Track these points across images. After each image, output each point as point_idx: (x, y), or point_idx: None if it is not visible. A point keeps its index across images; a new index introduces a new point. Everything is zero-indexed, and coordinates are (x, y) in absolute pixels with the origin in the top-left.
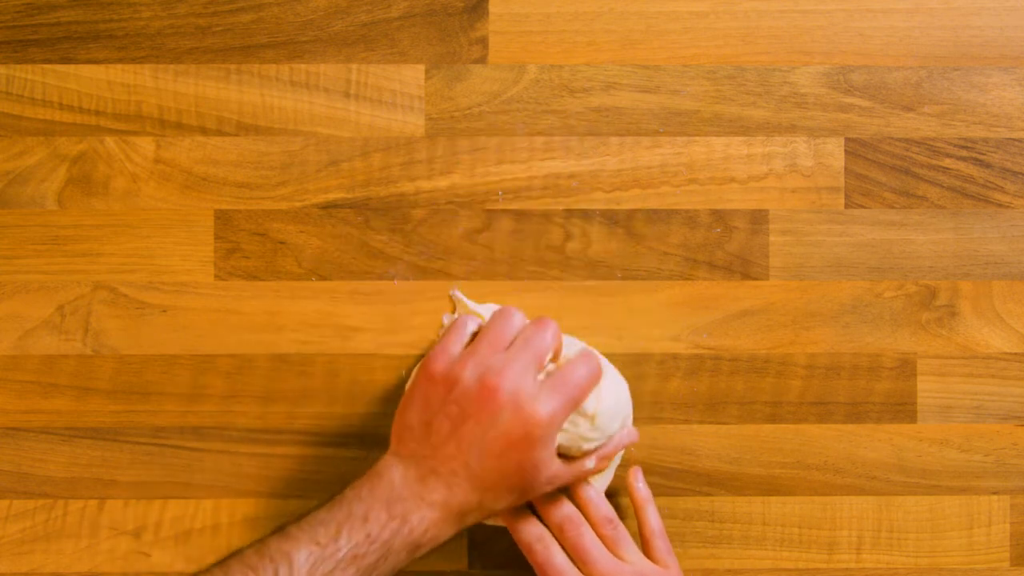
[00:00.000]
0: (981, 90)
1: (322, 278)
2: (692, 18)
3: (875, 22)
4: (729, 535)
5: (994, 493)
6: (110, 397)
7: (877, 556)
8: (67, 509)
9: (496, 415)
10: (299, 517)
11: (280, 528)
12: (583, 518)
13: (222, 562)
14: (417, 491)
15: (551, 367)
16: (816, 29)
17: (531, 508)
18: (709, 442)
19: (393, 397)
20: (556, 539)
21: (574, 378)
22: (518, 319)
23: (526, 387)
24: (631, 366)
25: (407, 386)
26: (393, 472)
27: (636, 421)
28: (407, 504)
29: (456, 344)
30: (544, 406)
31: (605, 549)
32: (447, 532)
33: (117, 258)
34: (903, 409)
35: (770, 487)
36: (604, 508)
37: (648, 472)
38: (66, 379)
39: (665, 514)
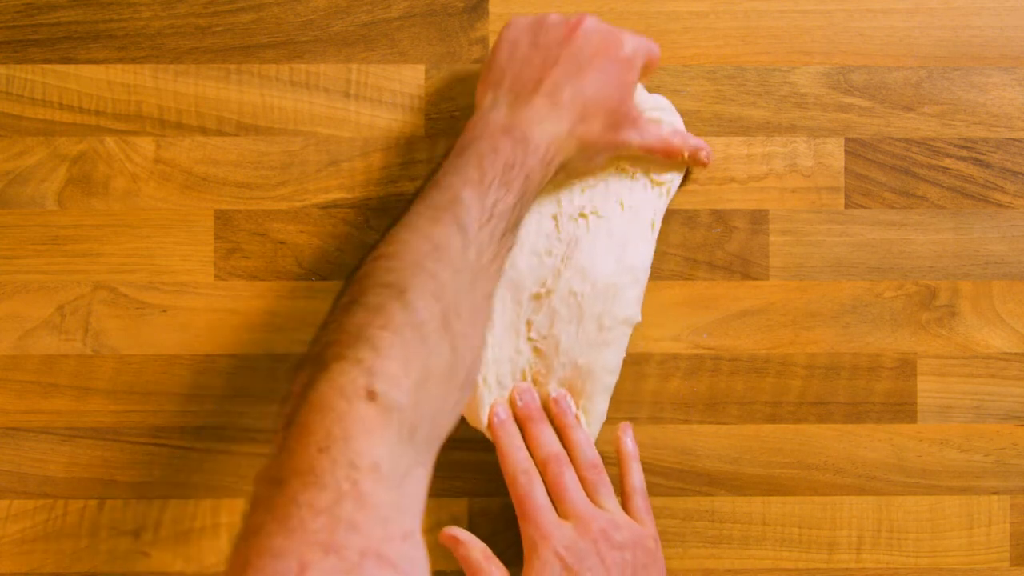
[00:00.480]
0: (981, 90)
1: (322, 278)
2: (692, 18)
3: (875, 22)
4: (729, 535)
5: (994, 493)
6: (110, 397)
7: (877, 556)
8: (67, 509)
9: (586, 38)
10: (433, 171)
11: (427, 180)
12: (568, 459)
13: (398, 223)
14: (526, 115)
15: None
16: (816, 29)
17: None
18: (709, 442)
19: None
20: (541, 474)
21: (642, 39)
22: None
23: (607, 24)
24: (631, 366)
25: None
26: (497, 110)
27: (636, 421)
28: (523, 128)
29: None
30: (628, 37)
31: (583, 492)
32: (564, 153)
33: (117, 258)
34: (903, 409)
35: (770, 487)
36: (590, 453)
37: (648, 472)
38: (66, 379)
39: (665, 514)
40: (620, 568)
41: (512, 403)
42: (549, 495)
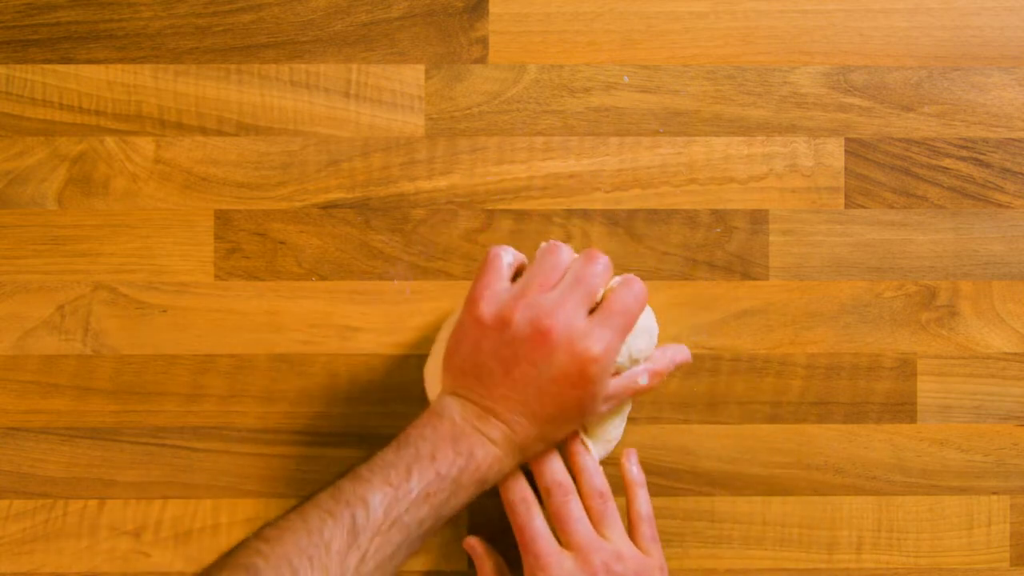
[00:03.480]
0: (981, 90)
1: (322, 278)
2: (692, 18)
3: (875, 22)
4: (729, 535)
5: (994, 493)
6: (110, 397)
7: (877, 556)
8: (67, 509)
9: (550, 357)
10: (366, 459)
11: (350, 470)
12: (573, 487)
13: (299, 507)
14: (478, 427)
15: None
16: (816, 29)
17: (524, 469)
18: (709, 442)
19: (393, 397)
20: (543, 502)
21: (623, 307)
22: (566, 253)
23: (578, 325)
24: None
25: (442, 328)
26: (452, 411)
27: (636, 421)
28: (471, 440)
29: (498, 281)
30: (597, 343)
31: (588, 522)
32: (510, 464)
33: (117, 258)
34: (903, 409)
35: (770, 487)
36: (598, 480)
37: (648, 472)
38: (66, 379)
39: (665, 514)
40: None
41: (576, 455)
42: (552, 524)
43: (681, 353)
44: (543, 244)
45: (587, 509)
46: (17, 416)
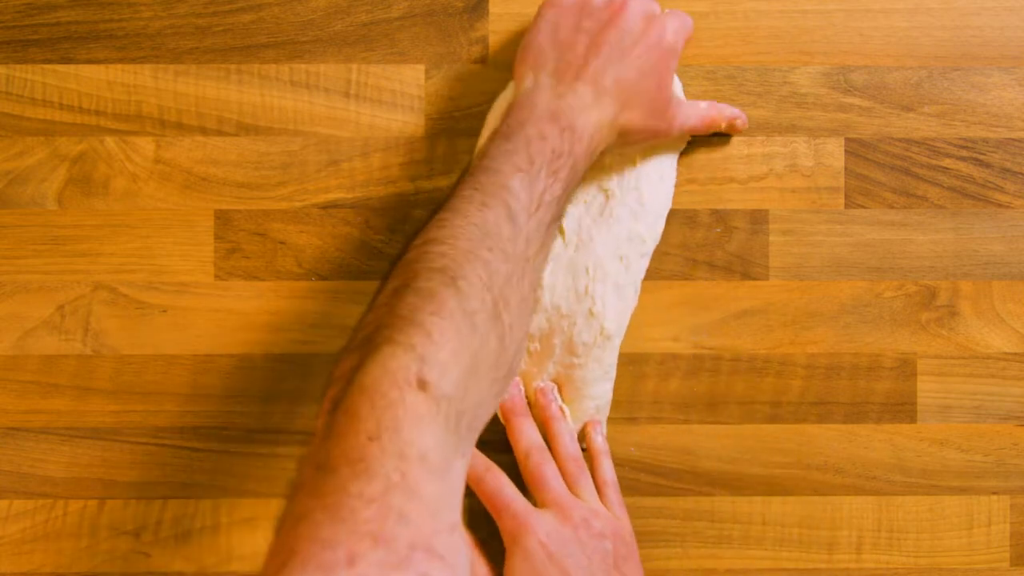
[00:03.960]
0: (981, 90)
1: (322, 278)
2: (692, 18)
3: (875, 22)
4: (729, 535)
5: (994, 493)
6: (110, 397)
7: (877, 556)
8: (67, 509)
9: (630, 23)
10: (479, 155)
11: (469, 165)
12: (548, 451)
13: (447, 206)
14: (570, 102)
15: None
16: (816, 29)
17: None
18: (709, 442)
19: None
20: (520, 466)
21: (683, 18)
22: None
23: (650, 4)
24: (631, 366)
25: (494, 105)
26: (540, 93)
27: (636, 421)
28: (569, 115)
29: None
30: (670, 21)
31: (563, 482)
32: (607, 141)
33: (117, 258)
34: (903, 409)
35: (770, 487)
36: (572, 447)
37: (648, 472)
38: (66, 379)
39: (665, 514)
40: (602, 556)
41: (542, 399)
42: (529, 486)
43: (739, 116)
44: None
45: (562, 472)
46: (17, 416)
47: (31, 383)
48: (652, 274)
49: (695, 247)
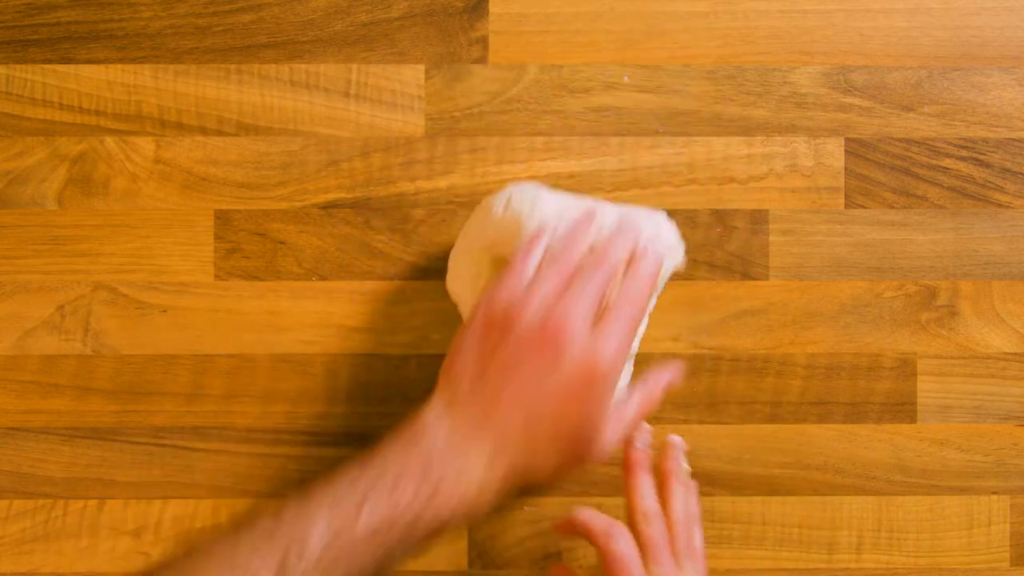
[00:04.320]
0: (981, 90)
1: (322, 278)
2: (692, 18)
3: (875, 22)
4: (729, 535)
5: (994, 493)
6: (110, 397)
7: (877, 556)
8: (67, 509)
9: (556, 362)
10: (332, 471)
11: (308, 487)
12: (663, 516)
13: (237, 527)
14: (463, 447)
15: None
16: (816, 29)
17: None
18: (709, 442)
19: (393, 397)
20: (635, 527)
21: (635, 294)
22: (593, 230)
23: (586, 321)
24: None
25: (467, 222)
26: (438, 426)
27: None
28: (447, 465)
29: (522, 275)
30: (607, 344)
31: (671, 554)
32: (485, 502)
33: (117, 258)
34: (903, 409)
35: (770, 487)
36: (683, 512)
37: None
38: (66, 379)
39: None
40: None
41: (628, 444)
42: (642, 550)
43: (672, 371)
44: (579, 214)
45: (671, 535)
46: (17, 416)
47: (31, 383)
48: None
49: (695, 247)
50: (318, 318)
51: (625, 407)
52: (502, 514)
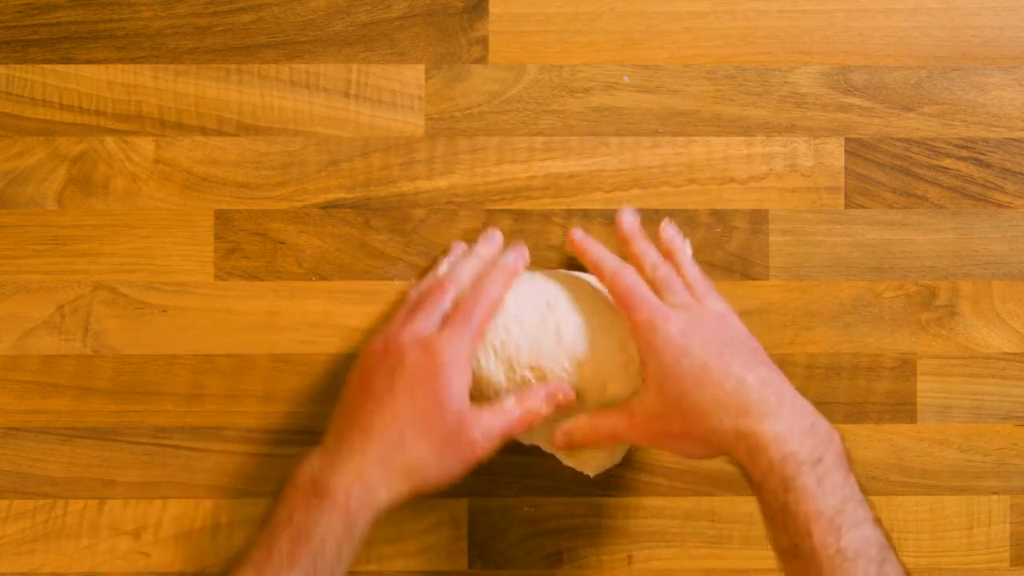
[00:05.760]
0: (981, 90)
1: (322, 278)
2: (692, 18)
3: (875, 22)
4: (729, 535)
5: (994, 493)
6: (110, 397)
7: None
8: (67, 509)
9: (399, 368)
10: (248, 545)
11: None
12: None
13: None
14: (326, 484)
15: None
16: (816, 29)
17: None
18: None
19: None
20: (647, 274)
21: (467, 306)
22: (465, 275)
23: (423, 332)
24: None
25: None
26: (306, 468)
27: None
28: (310, 509)
29: (403, 319)
30: (442, 339)
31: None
32: (358, 534)
33: (117, 258)
34: (903, 409)
35: None
36: (696, 270)
37: (648, 472)
38: (66, 379)
39: (665, 514)
40: (741, 341)
41: (618, 224)
42: (656, 291)
43: (558, 386)
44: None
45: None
46: (17, 416)
47: (31, 383)
48: None
49: (695, 247)
50: (318, 318)
51: (505, 403)
52: (503, 514)
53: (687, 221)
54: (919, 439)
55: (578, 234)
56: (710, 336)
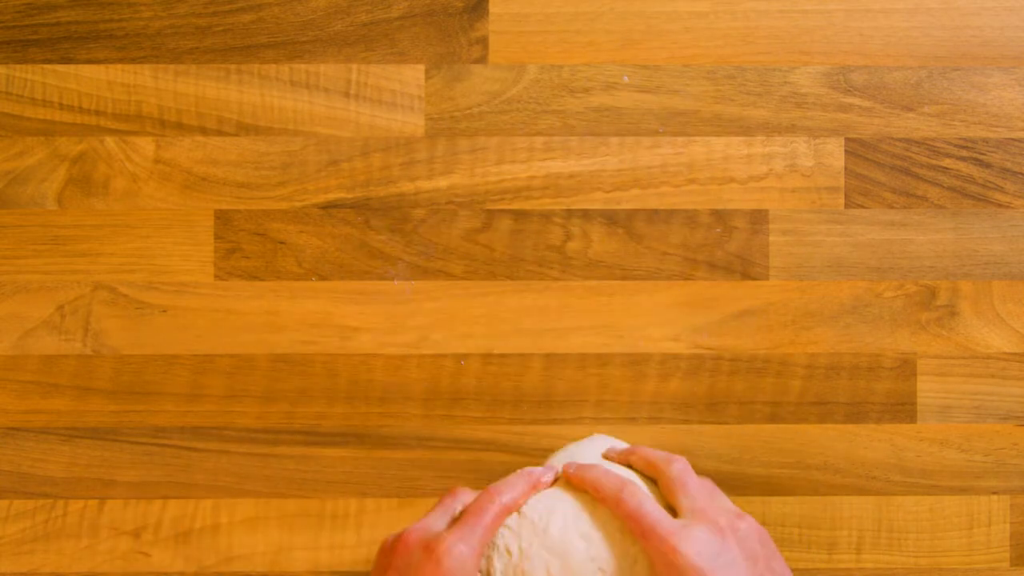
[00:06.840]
0: (981, 90)
1: (322, 278)
2: (692, 18)
3: (875, 22)
4: None
5: (994, 493)
6: (110, 397)
7: (877, 556)
8: (67, 509)
9: (406, 567)
10: None
11: None
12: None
13: None
14: None
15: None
16: (816, 29)
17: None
18: (709, 442)
19: (393, 397)
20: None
21: (475, 507)
22: (502, 500)
23: (430, 531)
24: (631, 366)
25: None
26: None
27: (636, 421)
28: None
29: (432, 519)
30: (445, 538)
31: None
32: None
33: (117, 258)
34: (903, 409)
35: (770, 487)
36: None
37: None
38: (66, 379)
39: None
40: (754, 561)
41: (567, 471)
42: (669, 499)
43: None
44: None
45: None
46: (17, 416)
47: (31, 383)
48: (652, 274)
49: (695, 247)
50: (318, 318)
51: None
52: None
53: (687, 221)
54: (919, 439)
55: (571, 468)
56: (730, 560)
